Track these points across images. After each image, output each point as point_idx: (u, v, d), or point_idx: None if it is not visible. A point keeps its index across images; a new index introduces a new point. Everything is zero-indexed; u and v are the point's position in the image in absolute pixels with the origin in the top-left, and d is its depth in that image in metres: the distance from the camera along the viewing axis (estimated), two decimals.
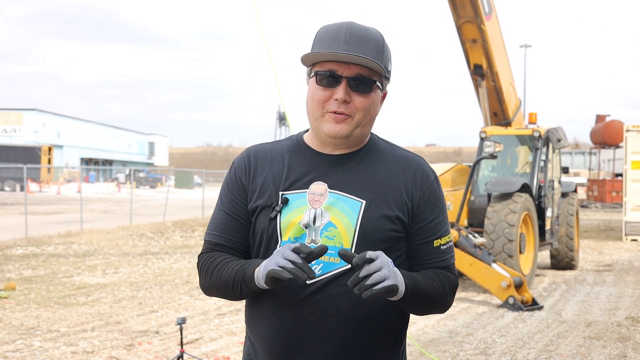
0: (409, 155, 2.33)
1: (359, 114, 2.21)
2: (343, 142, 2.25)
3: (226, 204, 2.32)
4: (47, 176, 52.87)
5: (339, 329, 2.17)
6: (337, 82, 2.19)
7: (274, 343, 2.22)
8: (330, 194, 2.22)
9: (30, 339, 7.82)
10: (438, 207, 2.30)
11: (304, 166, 2.27)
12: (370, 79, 2.20)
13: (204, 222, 23.32)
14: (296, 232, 2.21)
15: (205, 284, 2.31)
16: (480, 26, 12.80)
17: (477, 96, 14.11)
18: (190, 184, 66.68)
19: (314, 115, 2.24)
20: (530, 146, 13.80)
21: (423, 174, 2.29)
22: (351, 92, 2.19)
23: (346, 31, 2.19)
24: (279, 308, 2.20)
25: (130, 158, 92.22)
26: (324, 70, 2.20)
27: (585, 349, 7.97)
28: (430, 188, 2.29)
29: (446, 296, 2.28)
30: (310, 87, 2.25)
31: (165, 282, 11.98)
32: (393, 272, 2.04)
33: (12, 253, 15.28)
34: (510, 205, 11.92)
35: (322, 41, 2.21)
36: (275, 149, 2.34)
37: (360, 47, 2.17)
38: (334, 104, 2.20)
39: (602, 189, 39.26)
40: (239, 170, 2.33)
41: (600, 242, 20.70)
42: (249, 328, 2.33)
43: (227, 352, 7.43)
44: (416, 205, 2.26)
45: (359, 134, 2.24)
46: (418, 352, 7.50)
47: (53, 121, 73.87)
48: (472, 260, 10.57)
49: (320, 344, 2.18)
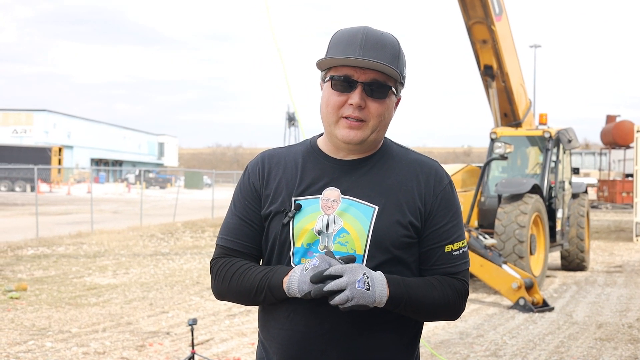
0: (423, 159, 2.31)
1: (374, 120, 2.20)
2: (357, 148, 2.24)
3: (239, 208, 2.32)
4: (58, 177, 53.11)
5: (353, 335, 2.17)
6: (353, 87, 2.18)
7: (288, 348, 2.21)
8: (343, 200, 2.21)
9: (41, 340, 7.85)
10: (451, 212, 2.27)
11: (317, 171, 2.26)
12: (385, 85, 2.19)
13: (213, 222, 23.37)
14: (309, 238, 2.20)
15: (221, 289, 2.29)
16: (490, 27, 12.77)
17: (487, 97, 14.08)
18: (200, 184, 66.79)
19: (329, 120, 2.23)
20: (541, 147, 13.77)
21: (437, 178, 2.27)
22: (366, 98, 2.18)
23: (362, 36, 2.18)
24: (292, 313, 2.20)
25: (140, 159, 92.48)
26: (339, 75, 2.19)
27: (596, 350, 7.95)
28: (444, 192, 2.27)
29: (449, 305, 2.23)
30: (325, 91, 2.24)
31: (175, 283, 12.00)
32: (359, 292, 2.03)
33: (23, 254, 15.33)
34: (521, 207, 11.90)
35: (338, 46, 2.20)
36: (289, 154, 2.34)
37: (376, 53, 2.16)
38: (348, 109, 2.19)
39: (612, 190, 39.14)
40: (253, 175, 2.33)
41: (610, 243, 20.63)
42: (263, 332, 2.32)
43: (238, 353, 7.44)
44: (429, 209, 2.24)
45: (373, 139, 2.24)
46: (429, 354, 7.49)
47: (63, 122, 74.14)
48: (482, 261, 10.55)
49: (333, 349, 2.18)
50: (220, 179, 72.49)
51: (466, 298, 2.30)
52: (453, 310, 2.26)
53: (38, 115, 71.31)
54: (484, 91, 14.05)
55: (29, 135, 70.02)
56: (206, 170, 43.12)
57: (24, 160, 50.59)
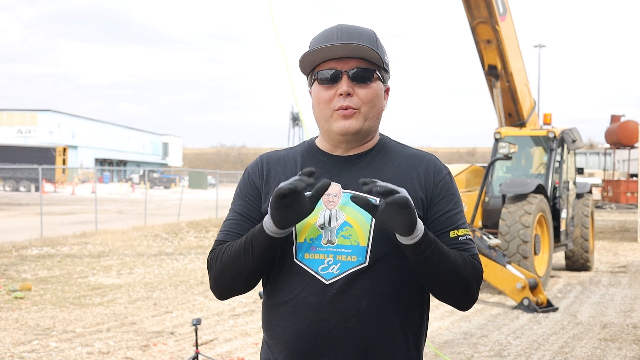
0: (421, 153, 2.34)
1: (365, 107, 2.24)
2: (354, 139, 2.26)
3: (239, 205, 2.33)
4: (62, 177, 53.15)
5: (360, 329, 2.17)
6: (339, 77, 2.23)
7: (294, 346, 2.21)
8: (345, 194, 2.23)
9: (46, 340, 7.86)
10: (453, 200, 2.29)
11: (316, 168, 2.27)
12: (369, 69, 2.24)
13: (218, 222, 23.38)
14: (312, 233, 2.21)
15: (215, 274, 2.26)
16: (494, 27, 12.77)
17: (491, 97, 14.07)
18: (204, 184, 66.81)
19: (323, 117, 2.26)
20: (545, 147, 13.76)
21: (435, 169, 2.30)
22: (353, 85, 2.23)
23: (337, 30, 2.25)
24: (298, 310, 2.20)
25: (144, 158, 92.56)
26: (323, 70, 2.24)
27: (600, 351, 7.94)
28: (444, 181, 2.29)
29: (469, 277, 2.20)
30: (314, 91, 2.29)
31: (179, 283, 12.01)
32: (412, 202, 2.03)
33: (28, 253, 15.36)
34: (525, 207, 11.89)
35: (316, 45, 2.25)
36: (288, 154, 2.37)
37: (354, 41, 2.22)
38: (339, 100, 2.22)
39: (616, 190, 39.09)
40: (253, 174, 2.36)
41: (615, 243, 20.60)
42: (267, 332, 2.31)
43: (242, 353, 7.45)
44: (430, 198, 2.26)
45: (368, 128, 2.26)
46: (433, 354, 7.49)
47: (68, 122, 74.22)
48: (486, 261, 10.54)
49: (341, 345, 2.17)
50: (225, 179, 72.55)
51: (480, 283, 2.27)
52: (469, 290, 2.22)
53: (42, 116, 71.42)
54: (488, 91, 14.05)
55: (34, 135, 70.12)
56: (210, 170, 43.07)
57: (29, 160, 50.64)
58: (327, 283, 2.17)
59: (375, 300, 2.16)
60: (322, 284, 2.17)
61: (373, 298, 2.15)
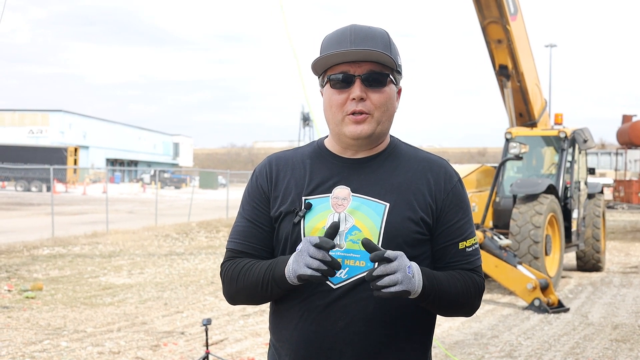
0: (432, 158, 2.32)
1: (378, 111, 2.21)
2: (365, 143, 2.24)
3: (248, 211, 2.32)
4: (73, 177, 53.34)
5: (367, 333, 2.17)
6: (351, 82, 2.20)
7: (301, 349, 2.21)
8: (354, 198, 2.21)
9: (57, 339, 7.88)
10: (462, 209, 2.28)
11: (325, 171, 2.26)
12: (383, 73, 2.21)
13: (228, 222, 23.41)
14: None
15: (230, 290, 2.29)
16: (505, 26, 12.73)
17: (502, 97, 14.03)
18: (215, 184, 66.90)
19: (335, 120, 2.24)
20: (556, 147, 13.71)
21: (446, 176, 2.28)
22: (366, 90, 2.20)
23: (350, 32, 2.21)
24: (305, 313, 2.19)
25: (155, 159, 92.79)
26: (336, 73, 2.21)
27: (611, 351, 7.90)
28: (454, 190, 2.28)
29: (470, 298, 2.25)
30: (326, 94, 2.25)
31: (190, 283, 12.03)
32: (407, 278, 2.02)
33: (39, 253, 15.41)
34: (536, 207, 11.85)
35: (328, 48, 2.22)
36: (297, 155, 2.35)
37: (367, 44, 2.18)
38: (351, 105, 2.20)
39: (628, 190, 38.89)
40: (260, 177, 2.33)
41: (626, 244, 20.50)
42: (274, 335, 2.32)
43: (252, 353, 7.45)
44: (440, 207, 2.24)
45: (380, 131, 2.24)
46: (443, 355, 7.48)
47: (79, 122, 74.49)
48: (497, 262, 10.52)
49: (347, 348, 2.17)
50: (235, 179, 72.59)
51: (482, 293, 2.31)
52: (471, 305, 2.27)
53: (54, 116, 71.69)
54: (499, 91, 14.01)
55: (45, 135, 70.40)
56: (221, 171, 43.16)
57: (40, 161, 50.83)
58: (335, 287, 2.17)
59: (382, 304, 2.16)
60: (330, 289, 2.17)
61: (380, 302, 2.15)
